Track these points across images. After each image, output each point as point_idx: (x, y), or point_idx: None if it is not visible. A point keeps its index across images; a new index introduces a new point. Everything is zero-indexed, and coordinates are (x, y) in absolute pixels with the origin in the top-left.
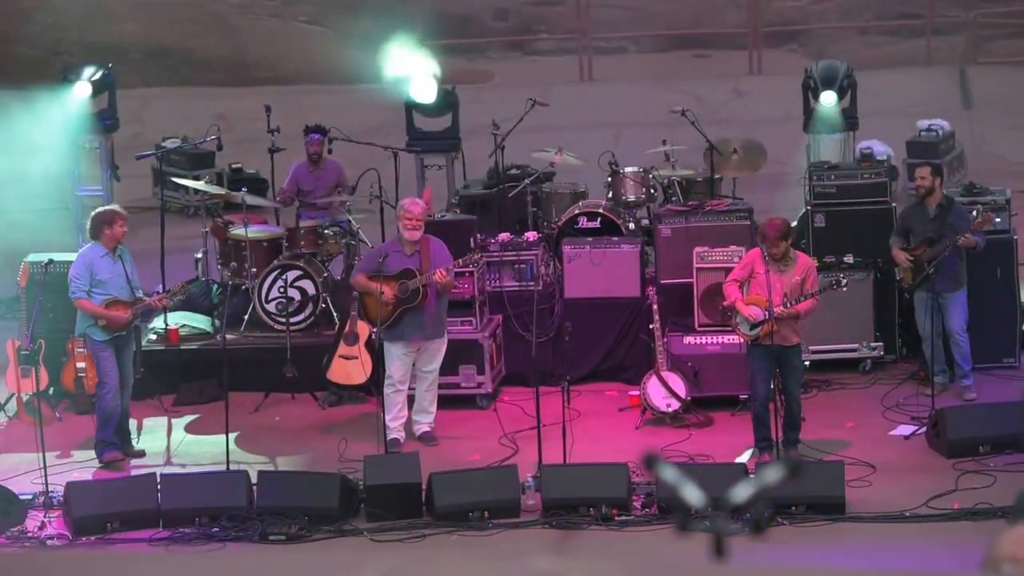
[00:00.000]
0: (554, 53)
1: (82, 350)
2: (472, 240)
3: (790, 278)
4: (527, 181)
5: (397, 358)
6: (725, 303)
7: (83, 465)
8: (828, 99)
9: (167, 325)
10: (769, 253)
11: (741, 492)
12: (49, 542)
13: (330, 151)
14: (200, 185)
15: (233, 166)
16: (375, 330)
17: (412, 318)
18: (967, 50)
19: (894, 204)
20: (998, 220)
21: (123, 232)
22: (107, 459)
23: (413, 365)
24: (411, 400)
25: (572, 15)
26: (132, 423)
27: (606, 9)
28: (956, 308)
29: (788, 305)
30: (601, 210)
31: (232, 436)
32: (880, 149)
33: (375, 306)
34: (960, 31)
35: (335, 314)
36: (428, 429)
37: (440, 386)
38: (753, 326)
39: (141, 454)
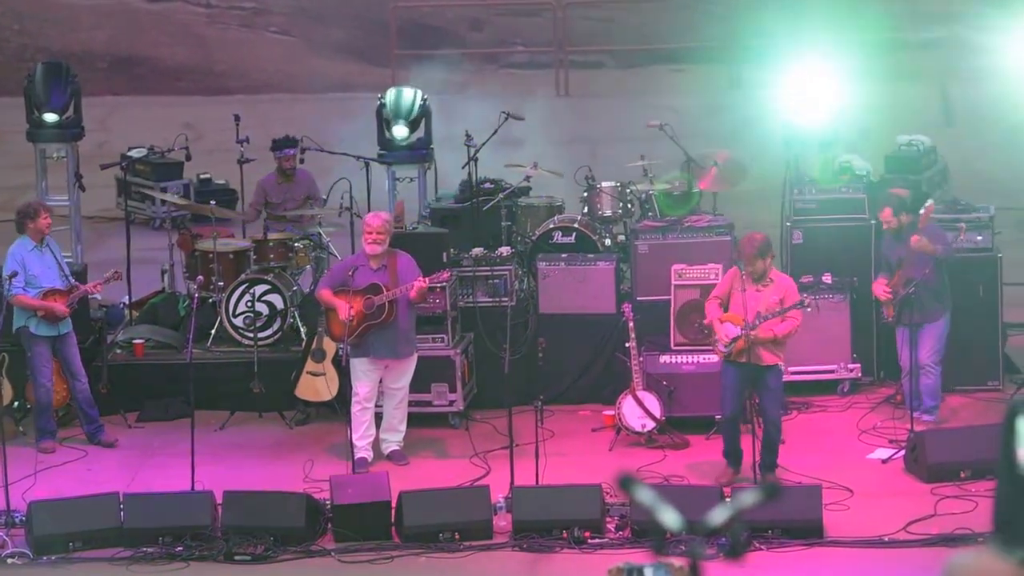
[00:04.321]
0: (530, 66)
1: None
2: (444, 254)
3: (767, 297)
4: (502, 195)
5: (364, 375)
6: (705, 320)
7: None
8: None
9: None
10: (746, 271)
11: (718, 515)
12: (10, 561)
13: (302, 161)
14: (166, 196)
15: (201, 176)
16: (342, 346)
17: (380, 335)
18: (949, 65)
19: (873, 221)
20: (979, 238)
21: (47, 223)
22: (41, 447)
23: (381, 382)
24: (380, 418)
25: (548, 27)
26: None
27: (583, 22)
28: (929, 338)
29: (758, 323)
30: (576, 225)
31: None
32: (860, 164)
33: (338, 321)
34: (941, 46)
35: (303, 329)
36: (397, 448)
37: (411, 404)
38: (727, 344)
39: (113, 443)
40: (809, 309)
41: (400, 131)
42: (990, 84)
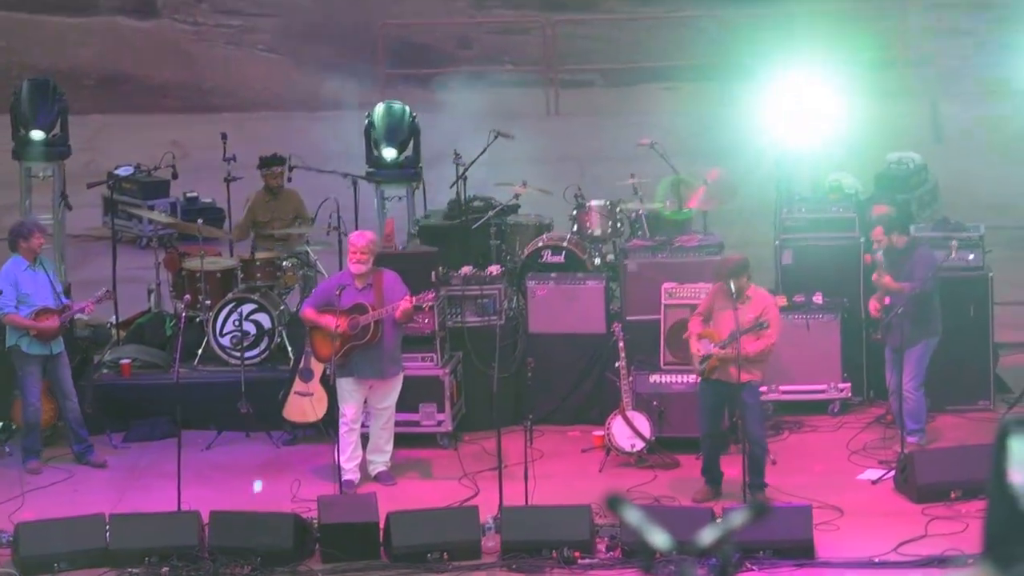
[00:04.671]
0: (519, 84)
1: None
2: (433, 273)
3: (744, 315)
4: (491, 213)
5: (349, 395)
6: (685, 335)
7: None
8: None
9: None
10: (722, 288)
11: (707, 535)
12: None
13: (289, 179)
14: (153, 215)
15: (188, 195)
16: (328, 366)
17: (365, 355)
18: (939, 83)
19: (862, 239)
20: (971, 257)
21: (40, 244)
22: (28, 467)
23: (366, 402)
24: (367, 439)
25: (538, 45)
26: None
27: (573, 40)
28: (907, 363)
29: (729, 341)
30: (566, 244)
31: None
32: (850, 182)
33: (322, 342)
34: (932, 64)
35: (290, 349)
36: (384, 469)
37: (400, 424)
38: (701, 360)
39: (103, 464)
40: (767, 328)
41: (389, 152)
42: (981, 102)
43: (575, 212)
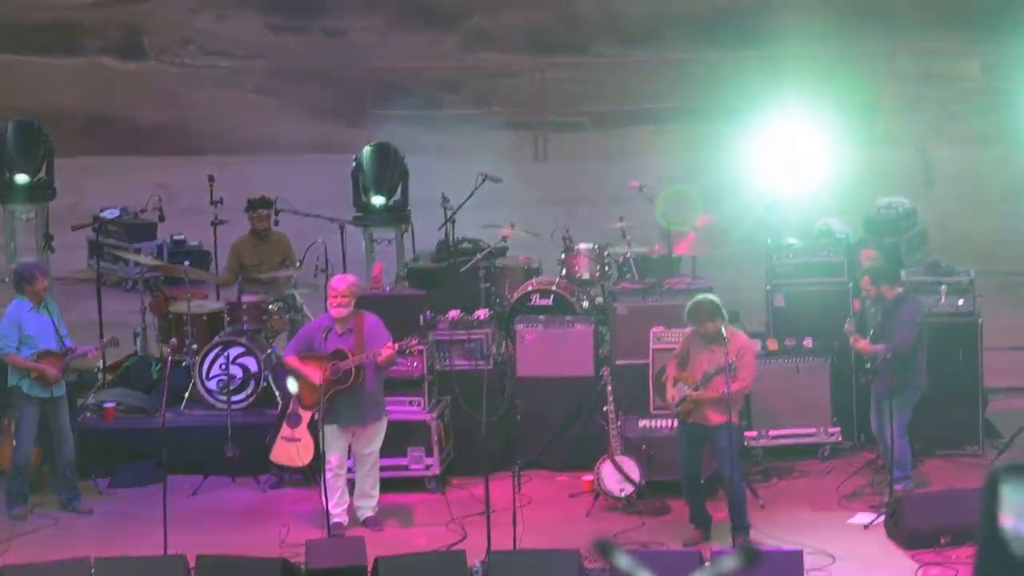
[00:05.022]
0: (508, 127)
1: None
2: (421, 316)
3: (718, 358)
4: (479, 256)
5: (333, 442)
6: (664, 378)
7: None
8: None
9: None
10: (696, 332)
11: None
12: None
13: (276, 223)
14: (139, 257)
15: (175, 238)
16: (314, 411)
17: (346, 401)
18: (928, 129)
19: (850, 284)
20: (961, 302)
21: (45, 287)
22: (15, 513)
23: (351, 447)
24: (354, 484)
25: (527, 88)
26: None
27: (562, 84)
28: (894, 412)
29: (700, 384)
30: (554, 288)
31: None
32: (839, 226)
33: (307, 388)
34: (921, 109)
35: (277, 393)
36: (372, 514)
37: (388, 468)
38: (677, 403)
39: (90, 512)
40: (733, 367)
41: (378, 200)
42: (970, 147)
43: (563, 255)
